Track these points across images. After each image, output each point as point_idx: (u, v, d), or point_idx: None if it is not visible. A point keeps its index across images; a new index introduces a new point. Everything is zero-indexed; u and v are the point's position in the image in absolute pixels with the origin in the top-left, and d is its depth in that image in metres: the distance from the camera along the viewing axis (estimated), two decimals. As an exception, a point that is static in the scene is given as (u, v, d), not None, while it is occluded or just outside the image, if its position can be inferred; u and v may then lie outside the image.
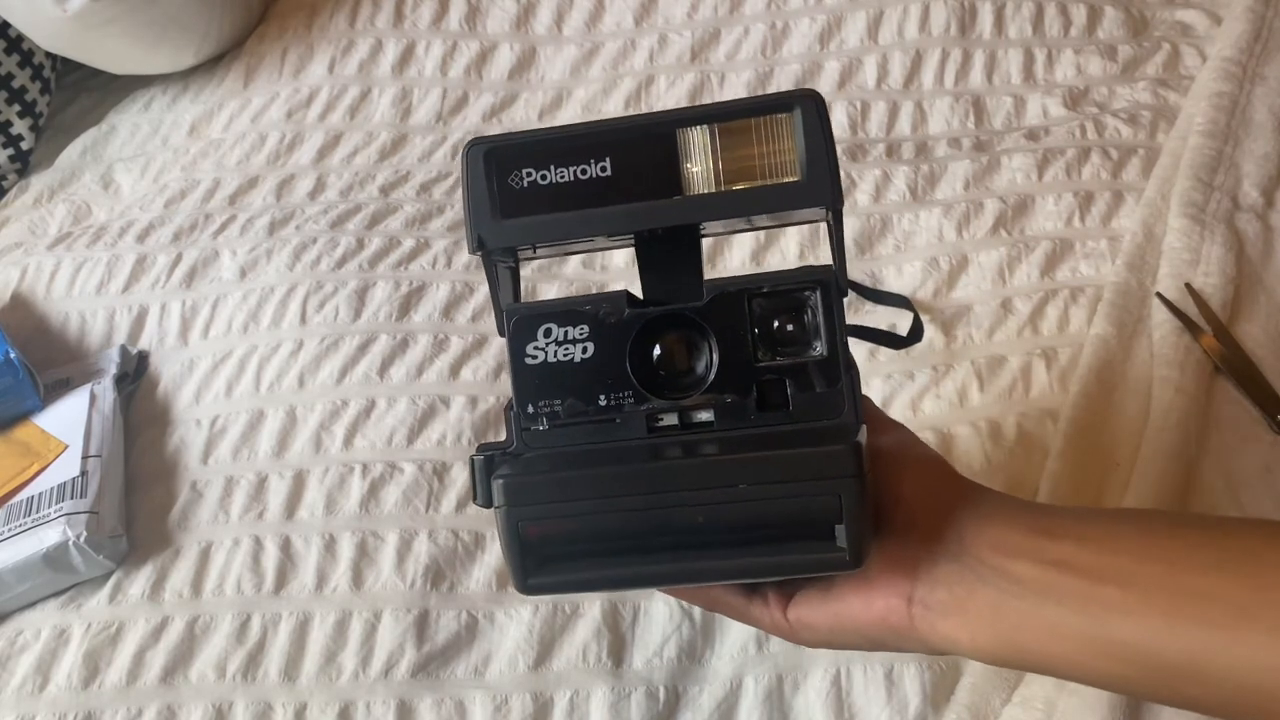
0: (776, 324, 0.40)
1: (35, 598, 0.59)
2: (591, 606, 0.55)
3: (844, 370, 0.39)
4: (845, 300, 0.40)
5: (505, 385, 0.67)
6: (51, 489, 0.62)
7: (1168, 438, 0.56)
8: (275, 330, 0.72)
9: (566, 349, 0.40)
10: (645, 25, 0.97)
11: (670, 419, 0.40)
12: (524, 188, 0.39)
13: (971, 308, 0.68)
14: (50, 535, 0.58)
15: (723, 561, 0.37)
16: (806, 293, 0.39)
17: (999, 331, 0.66)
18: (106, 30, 0.96)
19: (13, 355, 0.68)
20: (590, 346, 0.40)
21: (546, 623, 0.55)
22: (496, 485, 0.37)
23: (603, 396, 0.40)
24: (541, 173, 0.39)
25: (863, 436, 0.38)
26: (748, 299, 0.40)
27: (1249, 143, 0.74)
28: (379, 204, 0.83)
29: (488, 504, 0.39)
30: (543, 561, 0.37)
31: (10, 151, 1.00)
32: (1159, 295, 0.65)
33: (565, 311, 0.40)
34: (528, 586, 0.37)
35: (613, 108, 0.92)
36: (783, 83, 0.90)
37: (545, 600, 0.56)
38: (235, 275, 0.77)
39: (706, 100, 0.91)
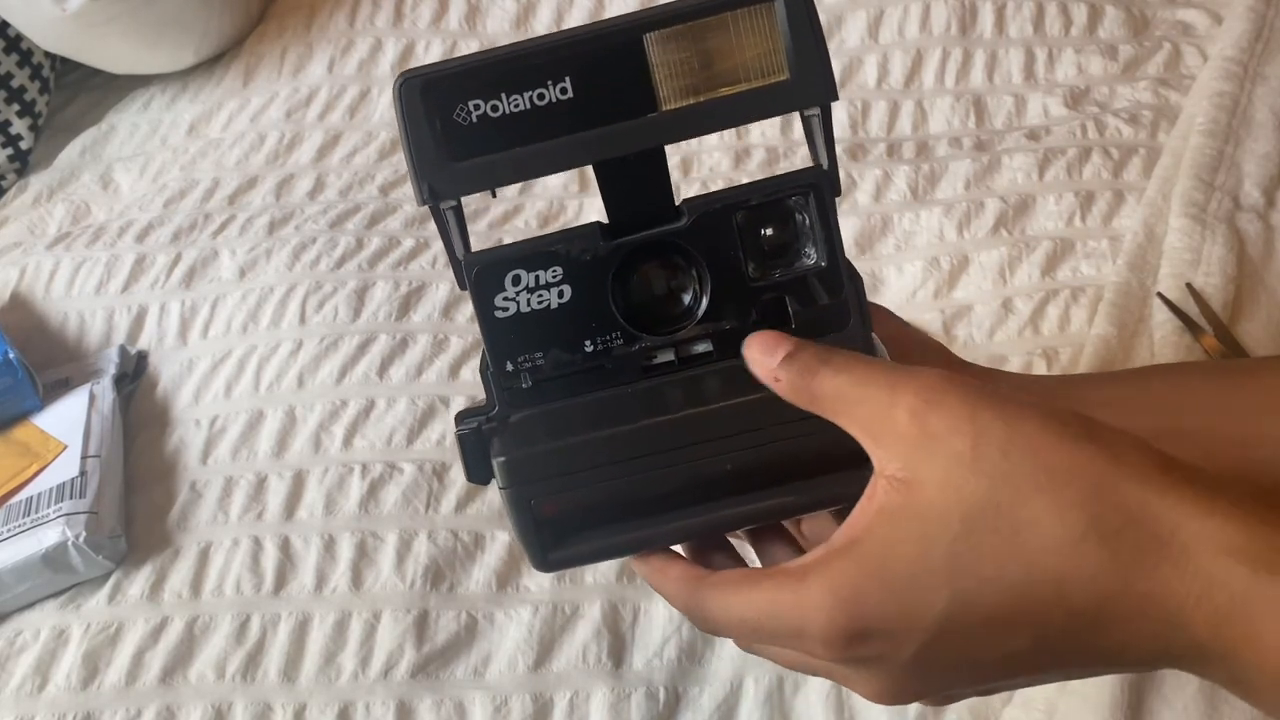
0: (768, 237, 0.36)
1: (34, 598, 0.59)
2: (591, 607, 0.55)
3: (846, 279, 0.36)
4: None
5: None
6: (51, 489, 0.62)
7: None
8: (274, 330, 0.72)
9: (540, 295, 0.36)
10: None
11: (665, 355, 0.36)
12: (473, 123, 0.34)
13: (972, 307, 0.68)
14: (49, 535, 0.58)
15: (750, 505, 0.35)
16: (797, 199, 0.36)
17: (1000, 331, 0.66)
18: (106, 30, 0.96)
19: (12, 355, 0.68)
20: (567, 289, 0.36)
21: (546, 623, 0.55)
22: (498, 465, 0.35)
23: (588, 342, 0.36)
24: (491, 103, 0.34)
25: (880, 347, 0.36)
26: (734, 214, 0.36)
27: (1250, 142, 0.74)
28: (378, 204, 0.83)
29: (481, 480, 0.36)
30: (561, 535, 0.35)
31: (9, 151, 1.00)
32: (1160, 295, 0.65)
33: (533, 254, 0.36)
34: (548, 564, 0.35)
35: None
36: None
37: (545, 600, 0.55)
38: (234, 275, 0.77)
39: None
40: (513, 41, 0.35)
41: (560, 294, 0.36)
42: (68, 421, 0.67)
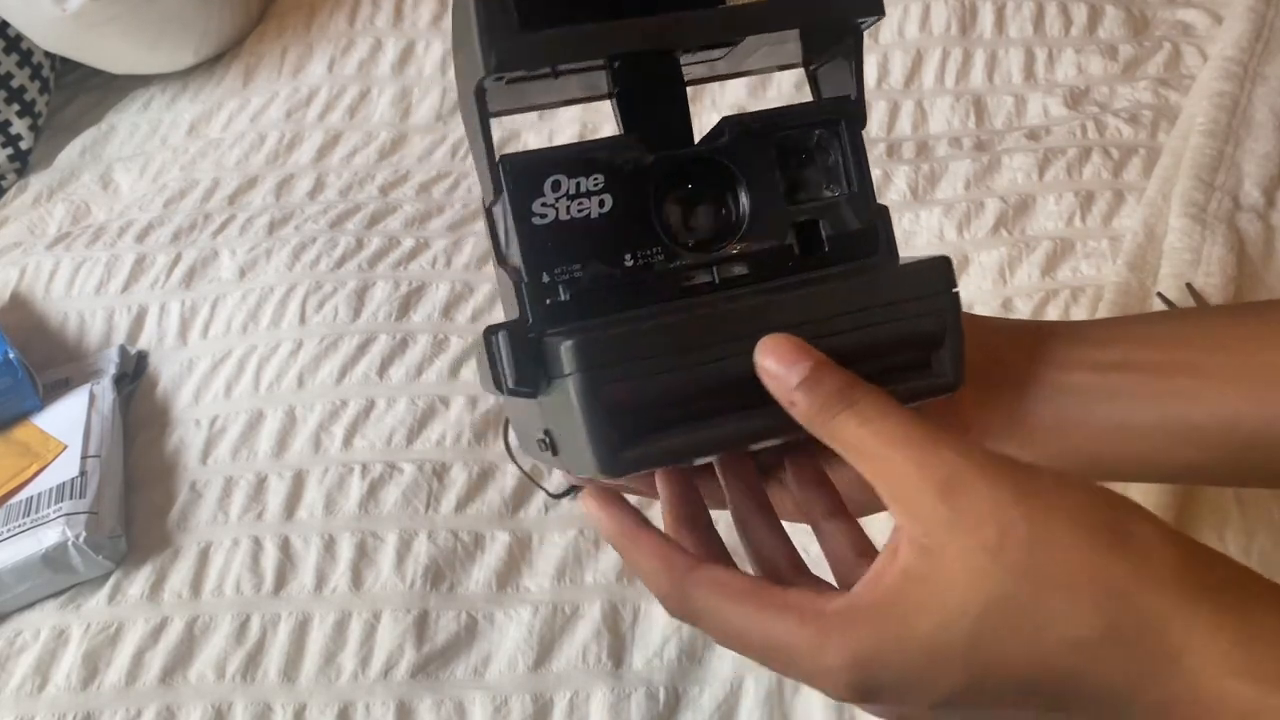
0: (804, 161, 0.36)
1: (34, 598, 0.59)
2: (591, 607, 0.55)
3: (875, 206, 0.36)
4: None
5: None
6: (51, 489, 0.62)
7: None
8: (274, 330, 0.72)
9: (581, 204, 0.34)
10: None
11: (704, 276, 0.35)
12: None
13: (972, 307, 0.67)
14: (49, 535, 0.58)
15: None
16: (831, 125, 0.36)
17: (1000, 331, 0.66)
18: (105, 29, 0.96)
19: (12, 355, 0.68)
20: (608, 199, 0.34)
21: (546, 623, 0.55)
22: (565, 348, 0.31)
23: (629, 256, 0.34)
24: None
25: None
26: (774, 135, 0.35)
27: (1250, 142, 0.74)
28: (378, 204, 0.83)
29: (527, 385, 0.33)
30: (634, 430, 0.32)
31: (9, 151, 1.00)
32: (1160, 295, 0.64)
33: (575, 159, 0.34)
34: (620, 463, 0.32)
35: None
36: (785, 81, 0.90)
37: (545, 600, 0.55)
38: (234, 275, 0.77)
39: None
40: None
41: (601, 203, 0.34)
42: (68, 421, 0.67)
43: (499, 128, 0.93)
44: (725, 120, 0.36)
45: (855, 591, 0.31)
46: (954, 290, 0.34)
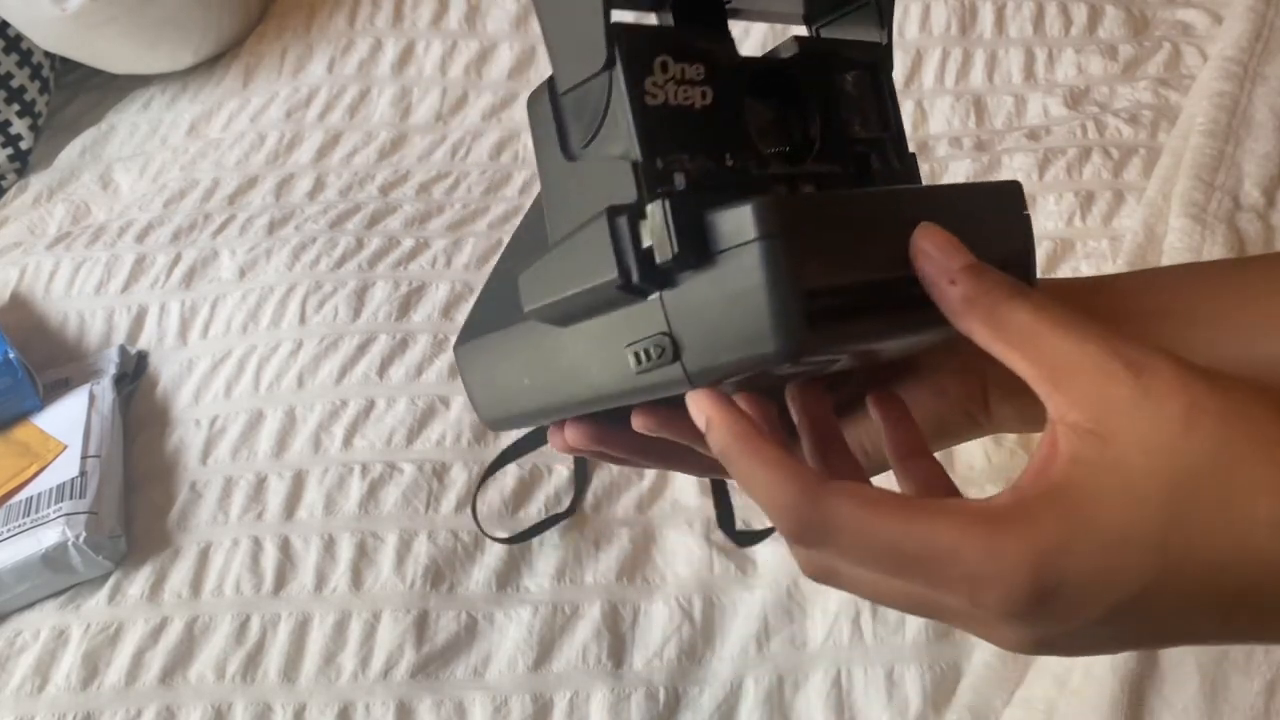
0: (858, 96, 0.35)
1: (34, 598, 0.59)
2: (591, 607, 0.55)
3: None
4: None
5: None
6: (50, 489, 0.61)
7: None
8: (274, 330, 0.72)
9: (686, 92, 0.31)
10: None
11: (781, 190, 0.33)
12: None
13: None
14: (49, 536, 0.58)
15: (921, 313, 0.32)
16: (875, 63, 0.36)
17: (1000, 331, 0.66)
18: (105, 30, 0.96)
19: (12, 355, 0.68)
20: (709, 92, 0.32)
21: (546, 623, 0.55)
22: (746, 213, 0.28)
23: (728, 155, 0.32)
24: None
25: None
26: (836, 63, 0.35)
27: (1250, 142, 0.74)
28: (378, 203, 0.83)
29: (692, 256, 0.29)
30: (823, 308, 0.29)
31: (9, 151, 1.00)
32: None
33: (681, 44, 0.31)
34: (812, 339, 0.29)
35: (613, 107, 0.92)
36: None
37: (545, 601, 0.55)
38: (234, 275, 0.77)
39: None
40: None
41: (703, 95, 0.32)
42: (68, 421, 0.67)
43: (498, 128, 0.93)
44: (795, 39, 0.35)
45: (1020, 487, 0.28)
46: (1026, 213, 0.35)
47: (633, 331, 0.31)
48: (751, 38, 0.90)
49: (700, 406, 0.31)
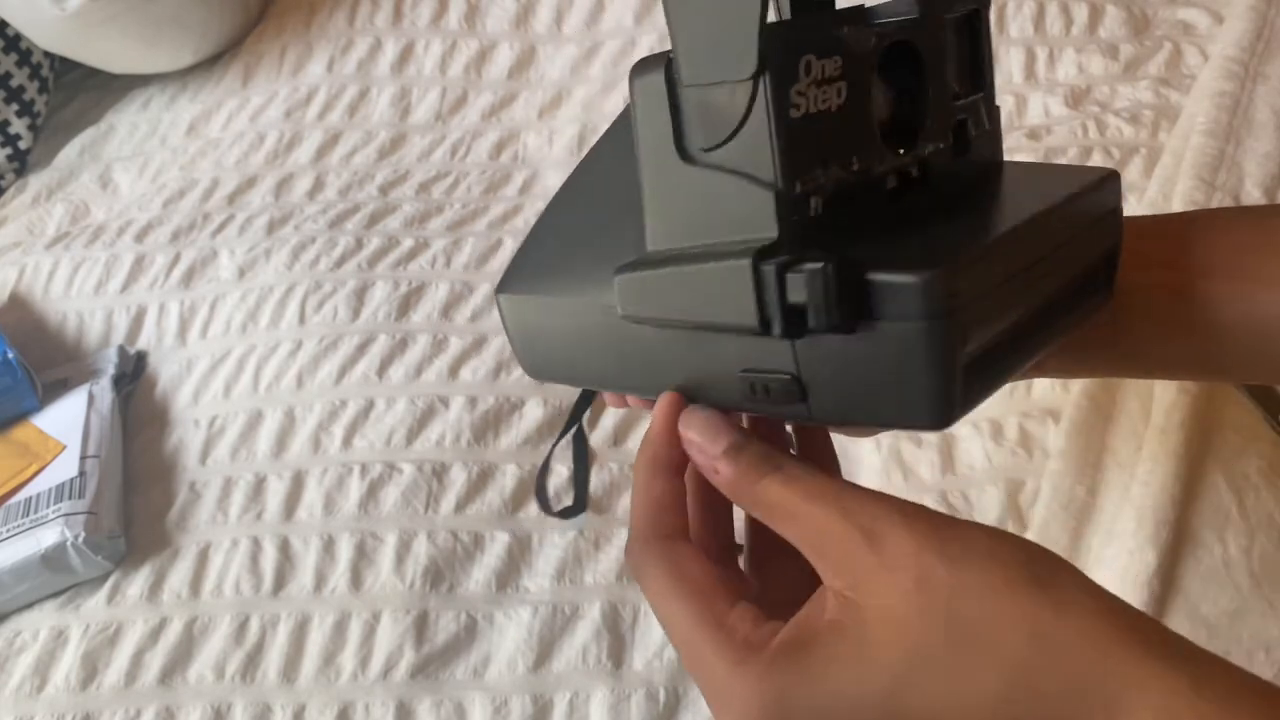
0: (966, 53, 0.33)
1: (33, 598, 0.59)
2: (591, 607, 0.55)
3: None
4: None
5: (504, 386, 0.66)
6: (50, 489, 0.61)
7: (1170, 438, 0.56)
8: (274, 330, 0.71)
9: (824, 94, 0.28)
10: (646, 24, 0.97)
11: (891, 181, 0.31)
12: None
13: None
14: (48, 536, 0.58)
15: (1039, 333, 0.31)
16: (978, 9, 0.33)
17: (1000, 331, 0.66)
18: (105, 29, 0.96)
19: (11, 355, 0.68)
20: (844, 88, 0.28)
21: (546, 624, 0.55)
22: (914, 288, 0.26)
23: (855, 158, 0.29)
24: None
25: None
26: (951, 22, 0.32)
27: (1251, 142, 0.73)
28: (378, 203, 0.83)
29: (847, 326, 0.27)
30: (977, 374, 0.28)
31: (8, 151, 1.00)
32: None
33: (821, 37, 0.28)
34: (960, 411, 0.28)
35: (614, 107, 0.92)
36: None
37: (545, 601, 0.55)
38: (234, 275, 0.77)
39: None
40: None
41: (839, 92, 0.28)
42: (66, 422, 0.67)
43: (498, 128, 0.93)
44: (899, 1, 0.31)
45: (782, 632, 0.31)
46: (1121, 204, 0.34)
47: (753, 361, 0.30)
48: None
49: (660, 417, 0.34)
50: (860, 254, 0.27)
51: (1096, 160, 0.75)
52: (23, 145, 1.01)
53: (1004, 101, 0.85)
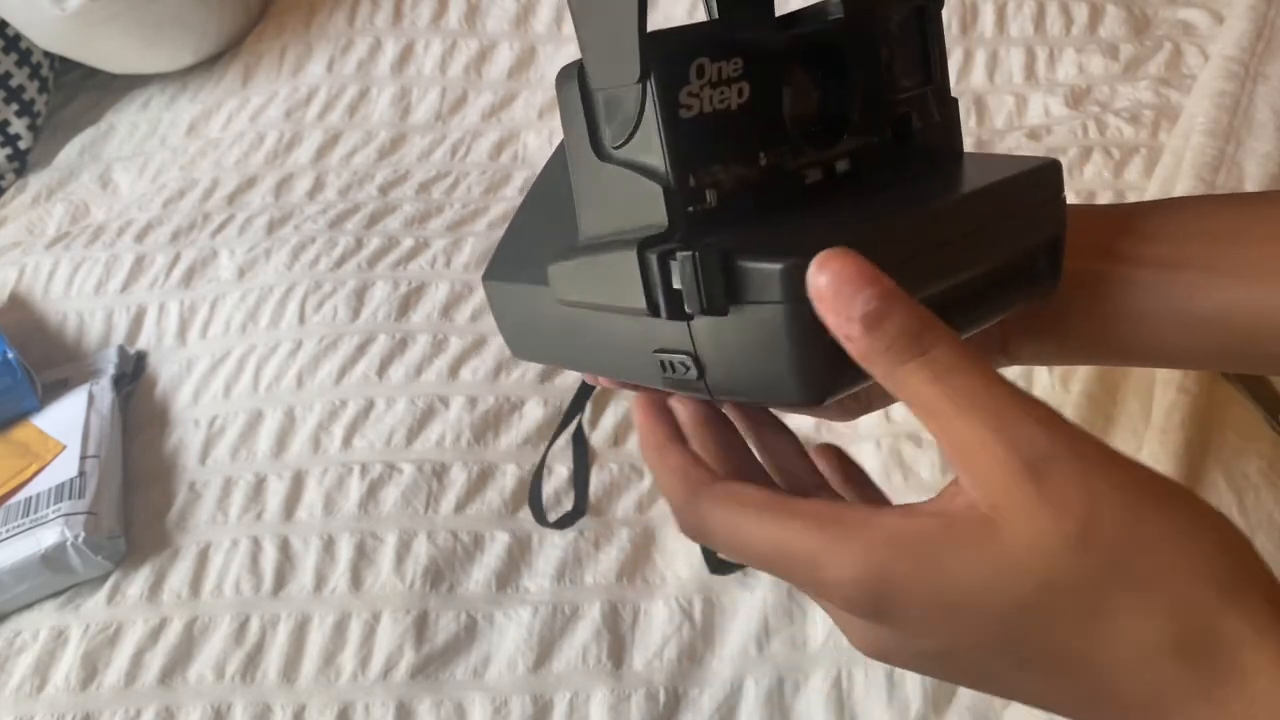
0: (905, 46, 0.34)
1: (33, 598, 0.59)
2: (591, 607, 0.55)
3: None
4: None
5: (504, 386, 0.66)
6: (49, 489, 0.61)
7: (1170, 438, 0.56)
8: (274, 330, 0.71)
9: (722, 93, 0.30)
10: (646, 24, 0.97)
11: (815, 175, 0.32)
12: None
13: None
14: (48, 536, 0.58)
15: (965, 315, 0.32)
16: (920, 7, 0.34)
17: (1000, 331, 0.66)
18: (105, 29, 0.96)
19: (10, 355, 0.68)
20: (745, 88, 0.30)
21: (546, 624, 0.55)
22: (777, 272, 0.27)
23: (763, 154, 0.31)
24: None
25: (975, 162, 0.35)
26: (881, 18, 0.33)
27: (1251, 142, 0.73)
28: (378, 203, 0.83)
29: (717, 309, 0.29)
30: (837, 358, 0.29)
31: (8, 151, 1.00)
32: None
33: (719, 40, 0.30)
34: (831, 390, 0.29)
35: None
36: None
37: (545, 601, 0.55)
38: (234, 275, 0.77)
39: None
40: None
41: (740, 92, 0.30)
42: (66, 422, 0.67)
43: (498, 128, 0.93)
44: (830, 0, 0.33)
45: (884, 510, 0.29)
46: (1064, 194, 0.34)
47: (662, 341, 0.32)
48: None
49: (636, 414, 0.33)
50: (739, 243, 0.29)
51: (1097, 160, 0.75)
52: (23, 145, 1.01)
53: (1004, 101, 0.85)
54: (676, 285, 0.29)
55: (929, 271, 0.30)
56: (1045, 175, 0.34)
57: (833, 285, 0.27)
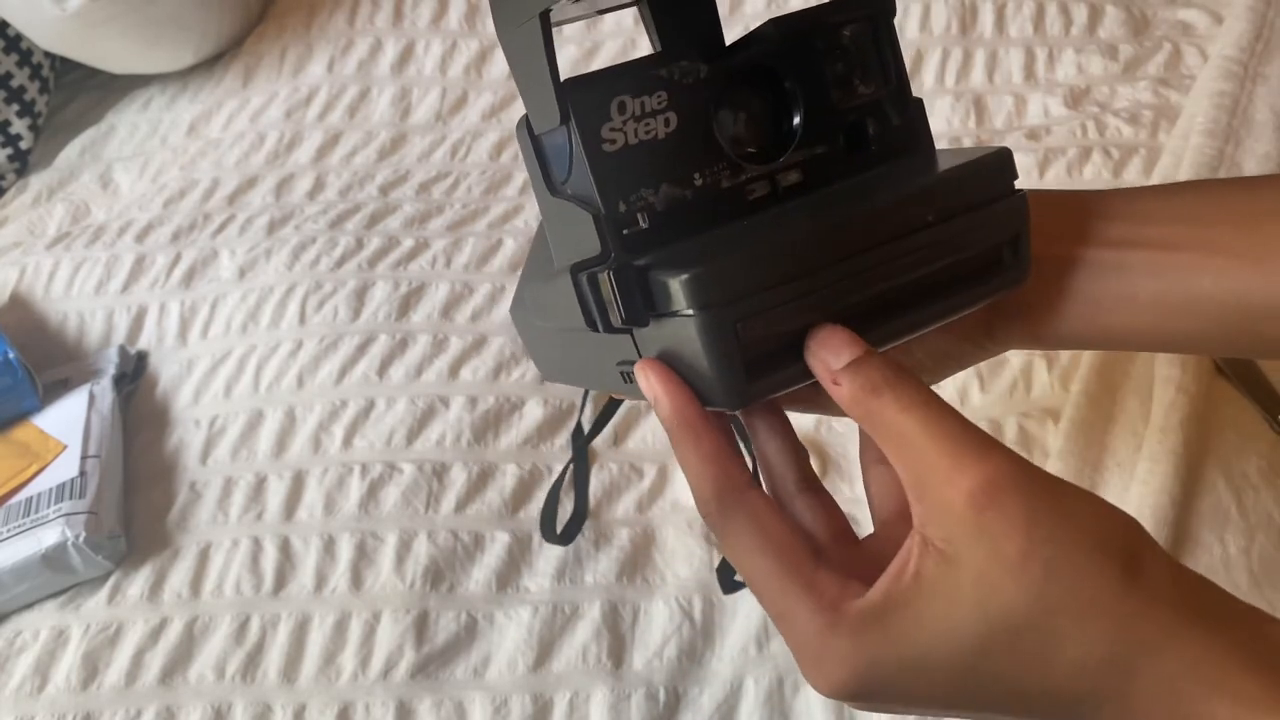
0: (848, 59, 0.35)
1: (34, 598, 0.59)
2: (591, 607, 0.55)
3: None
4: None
5: (504, 386, 0.66)
6: (50, 489, 0.61)
7: (1169, 438, 0.56)
8: (274, 330, 0.71)
9: (647, 125, 0.33)
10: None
11: (762, 189, 0.34)
12: None
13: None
14: (49, 536, 0.58)
15: (919, 312, 0.34)
16: (868, 19, 0.36)
17: (1000, 331, 0.66)
18: (105, 29, 0.96)
19: (11, 355, 0.68)
20: (672, 117, 0.33)
21: (546, 624, 0.55)
22: (685, 283, 0.30)
23: (697, 175, 0.33)
24: None
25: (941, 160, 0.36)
26: (820, 36, 0.35)
27: (1250, 142, 0.74)
28: (378, 203, 0.83)
29: (638, 322, 0.32)
30: (761, 360, 0.31)
31: (9, 151, 1.00)
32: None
33: (638, 78, 0.33)
34: (750, 395, 0.32)
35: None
36: None
37: (545, 601, 0.55)
38: (234, 275, 0.77)
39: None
40: None
41: (666, 122, 0.33)
42: (67, 422, 0.67)
43: (498, 128, 0.93)
44: (770, 23, 0.35)
45: (870, 595, 0.31)
46: (1020, 189, 0.35)
47: (618, 354, 0.34)
48: None
49: (649, 382, 0.33)
50: (658, 259, 0.31)
51: (1096, 160, 0.75)
52: (23, 145, 1.01)
53: (1003, 102, 0.85)
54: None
55: (869, 268, 0.32)
56: (993, 165, 0.34)
57: (822, 344, 0.32)
